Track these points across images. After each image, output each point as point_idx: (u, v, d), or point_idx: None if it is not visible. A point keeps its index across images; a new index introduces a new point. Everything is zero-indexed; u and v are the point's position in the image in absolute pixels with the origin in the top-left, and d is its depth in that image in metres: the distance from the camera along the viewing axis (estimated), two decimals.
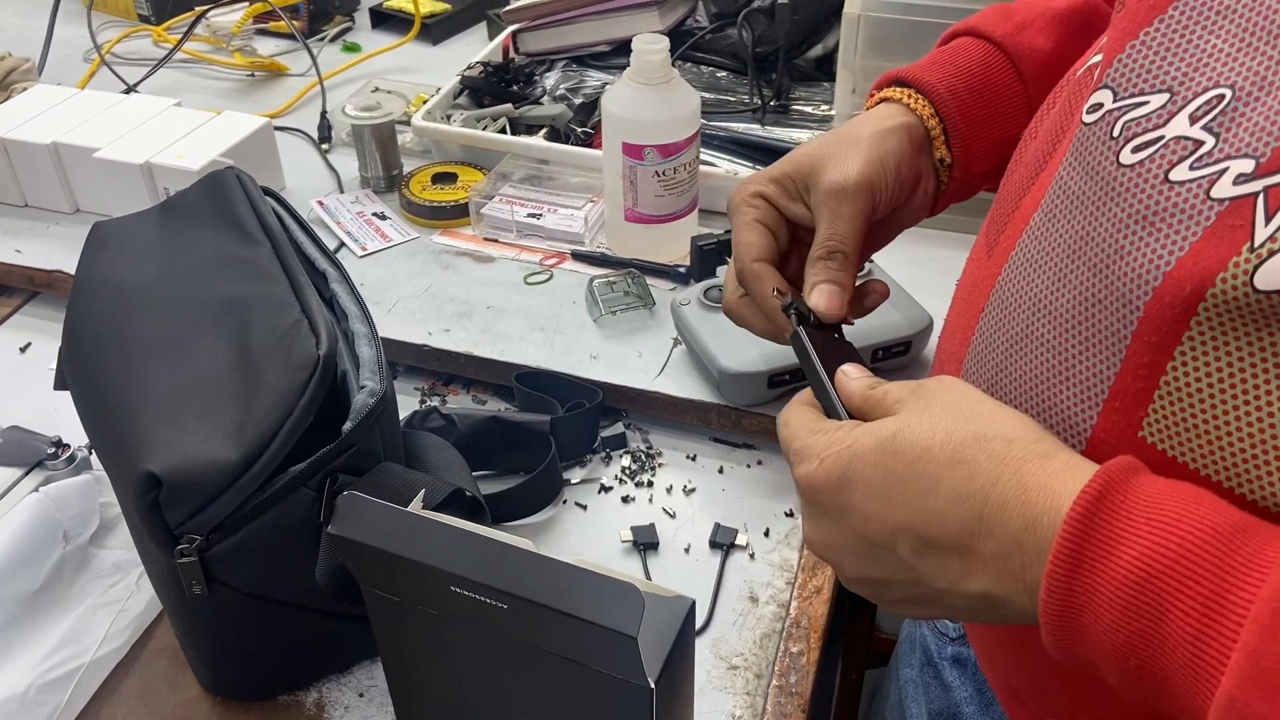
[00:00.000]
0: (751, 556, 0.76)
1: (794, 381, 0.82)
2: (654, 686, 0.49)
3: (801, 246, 0.64)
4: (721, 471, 0.83)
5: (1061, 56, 0.62)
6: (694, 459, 0.84)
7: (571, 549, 0.76)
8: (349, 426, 0.60)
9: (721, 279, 0.89)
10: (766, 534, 0.77)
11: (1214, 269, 0.37)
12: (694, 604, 0.52)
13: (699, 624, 0.71)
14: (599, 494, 0.81)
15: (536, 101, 1.18)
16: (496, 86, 1.20)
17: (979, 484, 0.41)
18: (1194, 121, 0.40)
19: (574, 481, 0.82)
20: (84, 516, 0.72)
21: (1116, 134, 0.42)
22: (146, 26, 1.46)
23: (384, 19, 1.48)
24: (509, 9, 1.25)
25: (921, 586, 0.45)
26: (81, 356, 0.66)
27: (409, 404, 0.88)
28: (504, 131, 1.13)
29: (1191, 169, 0.39)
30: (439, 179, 1.09)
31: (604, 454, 0.84)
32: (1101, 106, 0.44)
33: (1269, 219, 0.36)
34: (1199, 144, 0.39)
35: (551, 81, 1.19)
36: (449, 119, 1.15)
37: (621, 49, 1.19)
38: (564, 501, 0.80)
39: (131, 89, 1.29)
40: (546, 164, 1.09)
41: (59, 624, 0.68)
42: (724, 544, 0.76)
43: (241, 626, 0.63)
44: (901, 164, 0.61)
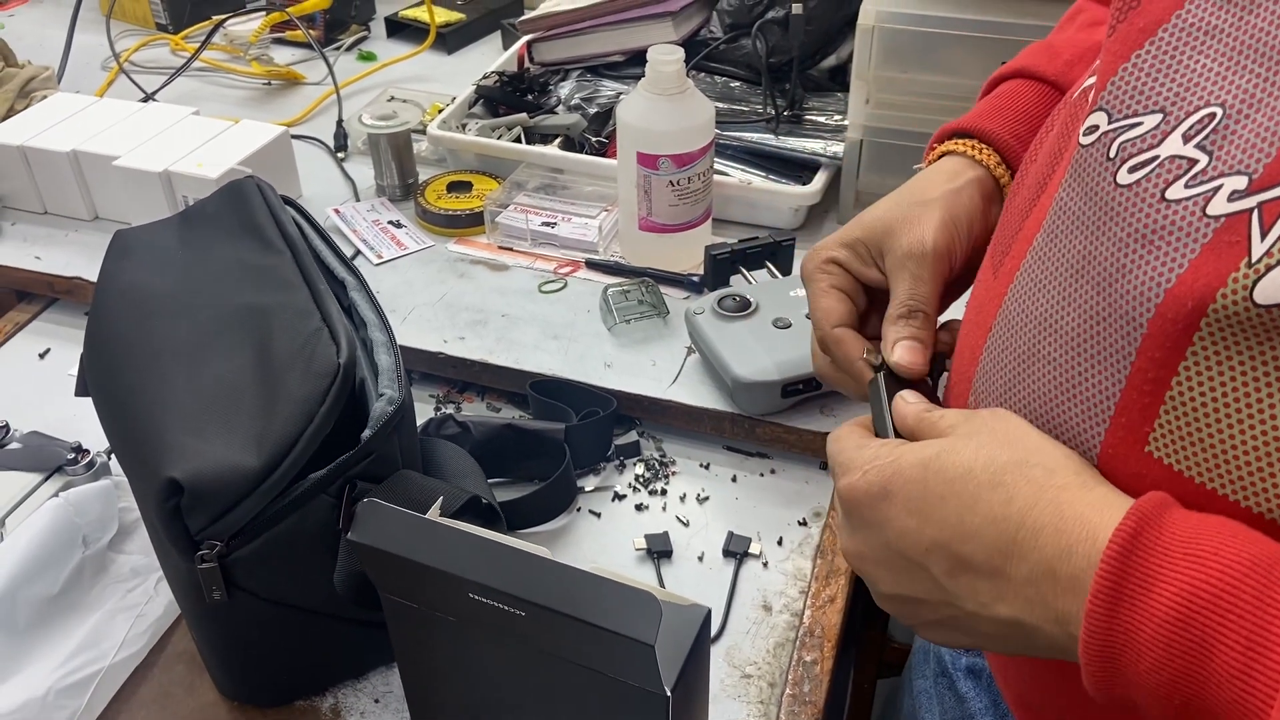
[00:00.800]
0: (765, 565, 0.76)
1: (807, 391, 0.83)
2: (670, 695, 0.49)
3: (877, 306, 0.64)
4: (735, 480, 0.83)
5: None
6: (707, 467, 0.84)
7: (586, 557, 0.77)
8: (368, 434, 0.61)
9: (735, 288, 0.90)
10: (780, 543, 0.78)
11: (1214, 285, 0.37)
12: (709, 612, 0.52)
13: (713, 632, 0.71)
14: (613, 502, 0.81)
15: (551, 111, 1.18)
16: (511, 96, 1.21)
17: (1016, 508, 0.42)
18: (1187, 140, 0.40)
19: (588, 489, 0.82)
20: (103, 521, 0.73)
21: (1113, 155, 0.43)
22: (164, 35, 1.47)
23: (399, 28, 1.49)
24: (524, 19, 1.25)
25: (953, 609, 0.45)
26: (104, 363, 0.67)
27: (424, 411, 0.89)
28: (519, 141, 1.14)
29: (1187, 187, 0.39)
30: (454, 188, 1.09)
31: (618, 462, 0.84)
32: (1097, 129, 0.44)
33: (1264, 234, 0.36)
34: (1193, 162, 0.40)
35: (566, 91, 1.20)
36: (464, 128, 1.16)
37: (636, 59, 1.20)
38: (578, 509, 0.80)
39: (150, 97, 1.30)
40: (561, 173, 1.10)
41: (78, 628, 0.68)
42: (737, 553, 0.76)
43: (260, 632, 0.64)
44: (974, 221, 0.62)
